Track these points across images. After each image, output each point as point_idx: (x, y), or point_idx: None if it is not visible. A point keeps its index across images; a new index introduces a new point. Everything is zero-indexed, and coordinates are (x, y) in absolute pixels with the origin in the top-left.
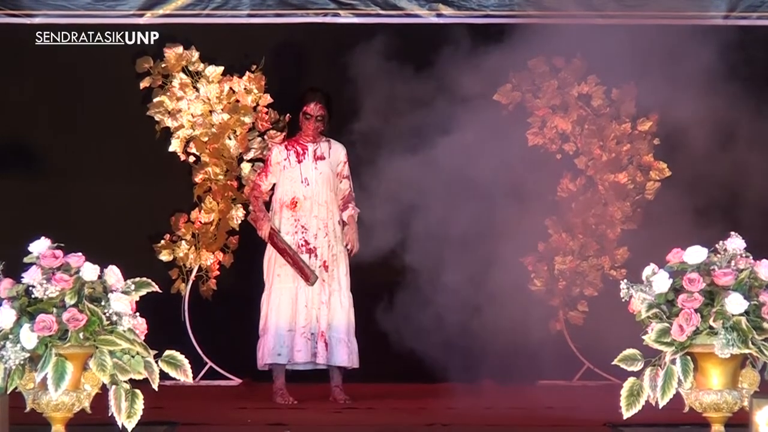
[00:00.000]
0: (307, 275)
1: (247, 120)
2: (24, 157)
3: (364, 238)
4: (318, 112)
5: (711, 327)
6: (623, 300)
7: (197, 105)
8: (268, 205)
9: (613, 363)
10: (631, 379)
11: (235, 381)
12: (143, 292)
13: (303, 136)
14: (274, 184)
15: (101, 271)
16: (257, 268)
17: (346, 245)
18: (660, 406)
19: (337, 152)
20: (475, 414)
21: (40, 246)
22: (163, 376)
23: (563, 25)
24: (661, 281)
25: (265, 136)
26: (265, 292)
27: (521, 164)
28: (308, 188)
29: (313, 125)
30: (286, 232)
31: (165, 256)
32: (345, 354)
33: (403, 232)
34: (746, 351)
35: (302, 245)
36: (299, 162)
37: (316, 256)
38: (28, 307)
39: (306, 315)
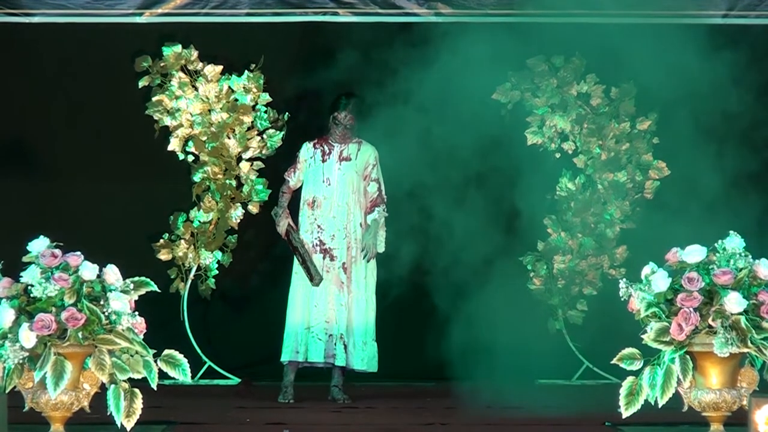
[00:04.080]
0: (312, 275)
1: (246, 119)
2: (23, 157)
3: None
4: (347, 122)
5: (710, 326)
6: (622, 299)
7: (196, 104)
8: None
9: (612, 362)
10: (630, 378)
11: (234, 380)
12: (142, 291)
13: (332, 136)
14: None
15: (100, 271)
16: (256, 268)
17: (362, 249)
18: (659, 406)
19: (366, 154)
20: (475, 413)
21: (39, 245)
22: (162, 375)
23: (562, 24)
24: (660, 280)
25: (264, 135)
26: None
27: (520, 163)
28: (329, 188)
29: (341, 132)
30: (305, 230)
31: (164, 256)
32: (361, 358)
33: (403, 232)
34: (745, 350)
35: (317, 245)
36: (323, 162)
37: (332, 257)
38: (27, 307)
39: (317, 315)
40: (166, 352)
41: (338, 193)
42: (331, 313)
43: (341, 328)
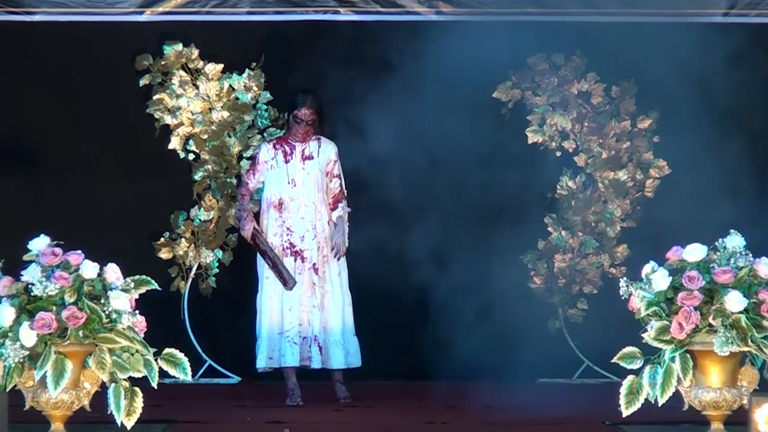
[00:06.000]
0: (285, 279)
1: (247, 117)
2: (23, 155)
3: (363, 236)
4: (309, 118)
5: (710, 325)
6: (623, 298)
7: (197, 102)
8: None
9: (612, 361)
10: (630, 377)
11: (235, 379)
12: (143, 289)
13: (292, 135)
14: (264, 183)
15: (101, 269)
16: (256, 267)
17: (332, 248)
18: (659, 404)
19: (326, 151)
20: (475, 413)
21: (40, 244)
22: (163, 374)
23: (563, 23)
24: (660, 279)
25: (265, 134)
26: (258, 294)
27: (521, 161)
28: (295, 189)
29: (303, 129)
30: (273, 233)
31: (164, 254)
32: (341, 356)
33: (402, 230)
34: (745, 349)
35: (287, 247)
36: (286, 162)
37: (303, 259)
38: (28, 305)
39: (290, 319)
40: (167, 350)
41: (305, 193)
42: (305, 316)
43: (315, 330)
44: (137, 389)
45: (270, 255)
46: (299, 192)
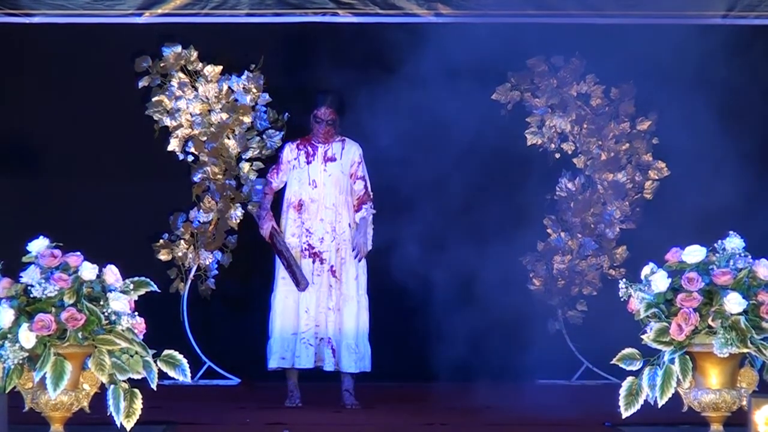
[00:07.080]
0: (298, 280)
1: (246, 119)
2: (23, 157)
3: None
4: (328, 117)
5: (710, 326)
6: (622, 299)
7: (196, 104)
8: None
9: (612, 362)
10: (629, 379)
11: (234, 381)
12: (142, 291)
13: (314, 136)
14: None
15: (100, 271)
16: (256, 268)
17: (353, 249)
18: (659, 406)
19: (350, 152)
20: (475, 414)
21: (39, 245)
22: (162, 375)
23: (562, 24)
24: (659, 280)
25: (264, 136)
26: (272, 294)
27: (520, 163)
28: (315, 191)
29: (324, 129)
30: (291, 233)
31: (163, 256)
32: (352, 361)
33: (402, 231)
34: (745, 350)
35: (306, 249)
36: (308, 163)
37: (321, 261)
38: (27, 307)
39: (307, 320)
40: (166, 352)
41: (325, 195)
42: (321, 317)
43: (329, 332)
44: (136, 391)
45: (286, 255)
46: (320, 193)
